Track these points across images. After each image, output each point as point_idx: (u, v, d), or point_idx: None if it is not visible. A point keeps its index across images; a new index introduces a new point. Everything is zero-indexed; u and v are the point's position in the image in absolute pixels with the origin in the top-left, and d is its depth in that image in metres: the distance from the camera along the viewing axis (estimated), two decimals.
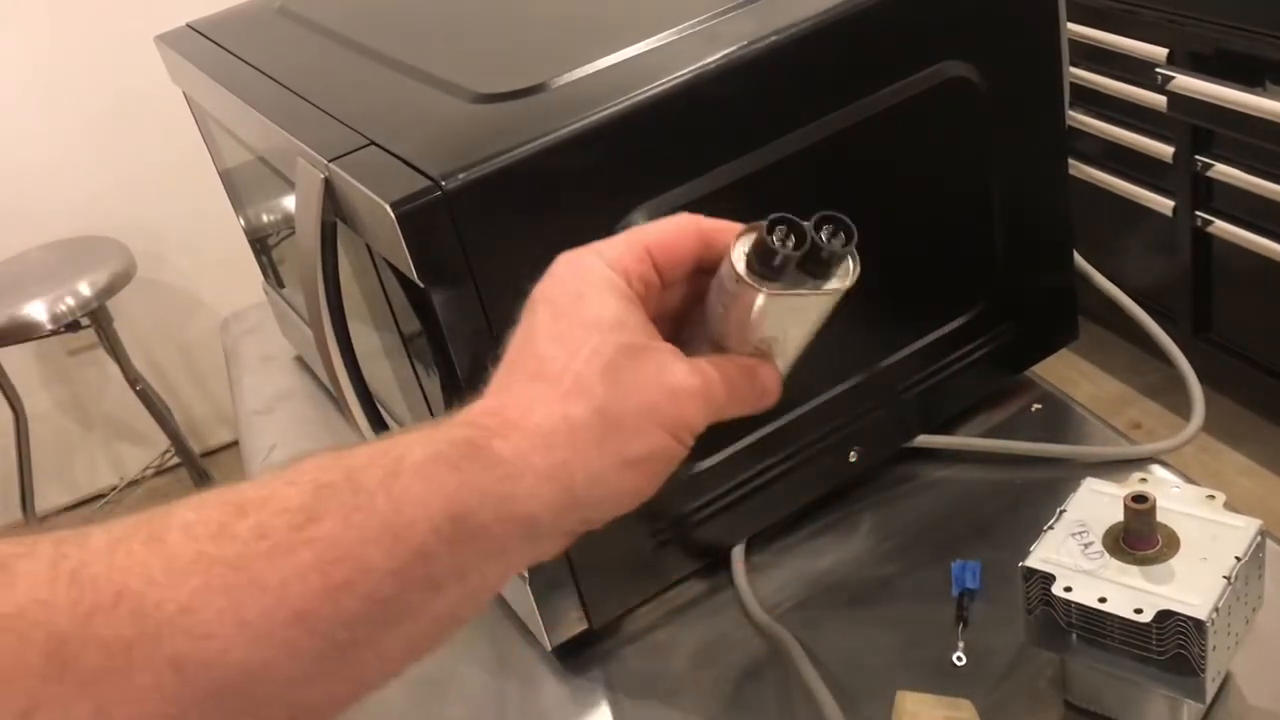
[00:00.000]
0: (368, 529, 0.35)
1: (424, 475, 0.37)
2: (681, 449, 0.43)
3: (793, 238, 0.44)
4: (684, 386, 0.42)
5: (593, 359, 0.41)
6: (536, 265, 0.62)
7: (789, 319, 0.47)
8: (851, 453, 0.78)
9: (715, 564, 0.77)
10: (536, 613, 0.70)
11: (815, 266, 0.45)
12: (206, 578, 0.33)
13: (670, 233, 0.45)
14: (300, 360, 1.15)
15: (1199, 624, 0.55)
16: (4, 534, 0.33)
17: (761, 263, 0.44)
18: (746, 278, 0.44)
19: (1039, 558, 0.60)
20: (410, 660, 0.38)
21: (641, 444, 0.41)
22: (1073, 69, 0.78)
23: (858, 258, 0.45)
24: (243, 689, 0.32)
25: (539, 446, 0.40)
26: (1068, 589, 0.58)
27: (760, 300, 0.45)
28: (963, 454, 0.83)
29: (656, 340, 0.43)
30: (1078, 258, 0.84)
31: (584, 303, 0.43)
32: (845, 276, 0.45)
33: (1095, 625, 0.58)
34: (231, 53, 0.87)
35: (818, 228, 0.45)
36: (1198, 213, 1.84)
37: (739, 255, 0.44)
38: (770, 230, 0.44)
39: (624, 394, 0.41)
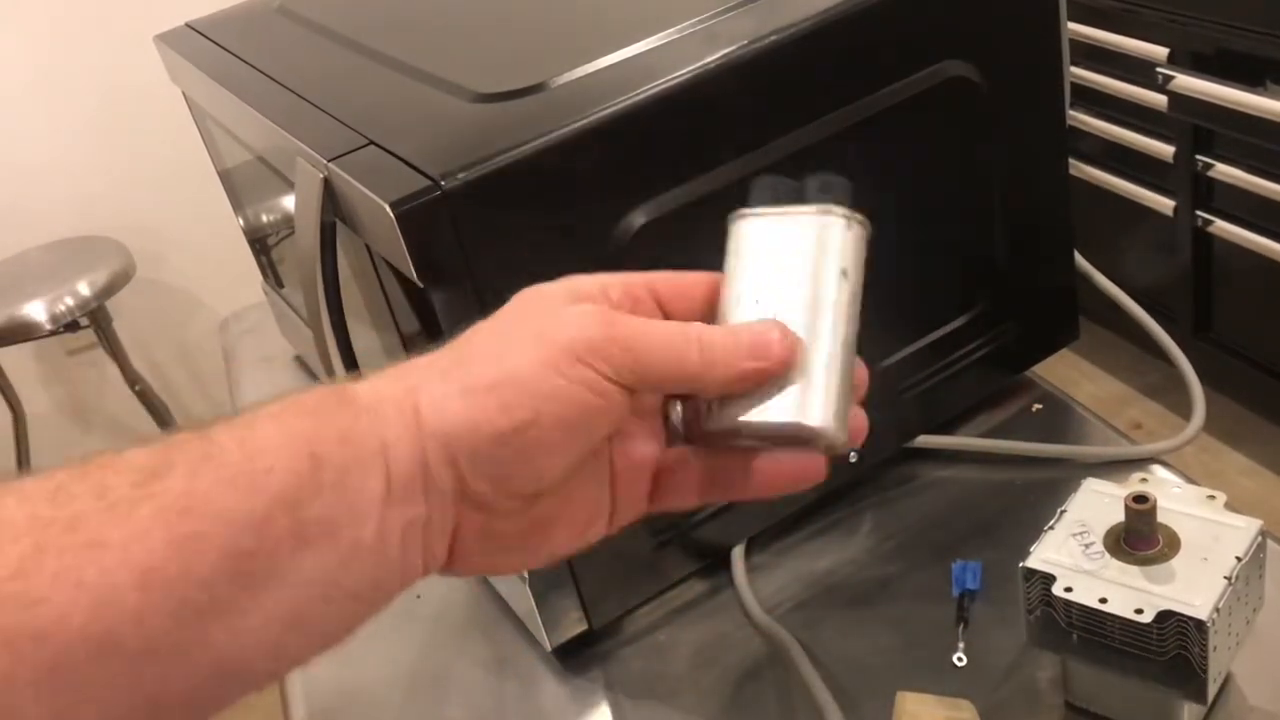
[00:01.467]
0: (220, 478, 0.32)
1: (279, 421, 0.35)
2: (569, 383, 0.36)
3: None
4: (570, 313, 0.37)
5: (496, 317, 0.40)
6: (535, 265, 0.62)
7: (793, 265, 0.41)
8: (851, 453, 0.78)
9: (715, 564, 0.77)
10: (536, 613, 0.70)
11: (813, 200, 0.42)
12: (38, 539, 0.29)
13: (678, 275, 0.42)
14: (300, 360, 1.14)
15: (1200, 624, 0.55)
16: None
17: (754, 196, 0.42)
18: (735, 213, 0.42)
19: (1039, 558, 0.60)
20: (292, 639, 0.34)
21: (490, 367, 0.36)
22: (1073, 68, 0.78)
23: (850, 188, 0.42)
24: (83, 665, 0.29)
25: (394, 379, 0.37)
26: (1068, 589, 0.58)
27: (749, 225, 0.41)
28: (963, 454, 0.82)
29: None
30: (1078, 257, 0.84)
31: (523, 294, 0.40)
32: (845, 209, 0.41)
33: (1096, 626, 0.58)
34: (231, 52, 0.87)
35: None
36: (1198, 212, 1.84)
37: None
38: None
39: (505, 321, 0.38)
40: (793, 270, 0.41)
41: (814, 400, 0.39)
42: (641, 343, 0.37)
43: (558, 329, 0.37)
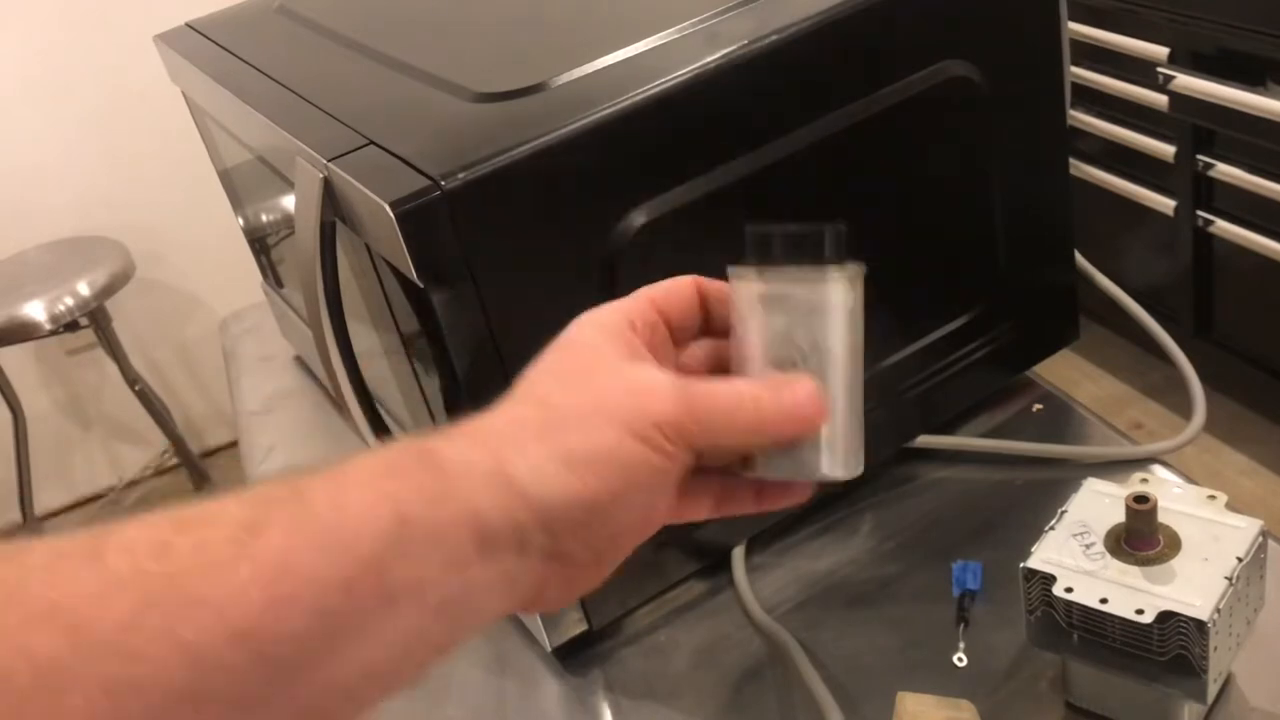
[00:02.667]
0: (312, 541, 0.34)
1: (368, 484, 0.36)
2: (650, 451, 0.39)
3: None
4: (645, 382, 0.41)
5: (554, 369, 0.42)
6: (536, 264, 0.62)
7: (800, 324, 0.44)
8: None
9: (715, 564, 0.77)
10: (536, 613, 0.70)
11: (812, 259, 0.44)
12: (144, 594, 0.31)
13: (668, 283, 0.46)
14: (299, 360, 1.15)
15: (1200, 625, 0.54)
16: None
17: (753, 250, 0.44)
18: (738, 269, 0.44)
19: (1040, 558, 0.60)
20: (372, 689, 0.36)
21: (586, 439, 0.39)
22: (1074, 68, 0.78)
23: (844, 234, 0.45)
24: (179, 715, 0.31)
25: (480, 443, 0.39)
26: (1069, 590, 0.58)
27: (757, 287, 0.44)
28: (963, 454, 0.82)
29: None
30: (1079, 257, 0.84)
31: (568, 339, 0.43)
32: (844, 265, 0.44)
33: (1096, 626, 0.58)
34: (231, 52, 0.87)
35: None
36: (1199, 212, 1.84)
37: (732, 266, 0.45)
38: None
39: (574, 389, 0.40)
40: (803, 329, 0.44)
41: (838, 453, 0.44)
42: (710, 417, 0.41)
43: (638, 402, 0.40)
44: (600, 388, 0.40)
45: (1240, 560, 0.57)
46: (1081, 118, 1.96)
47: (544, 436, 0.39)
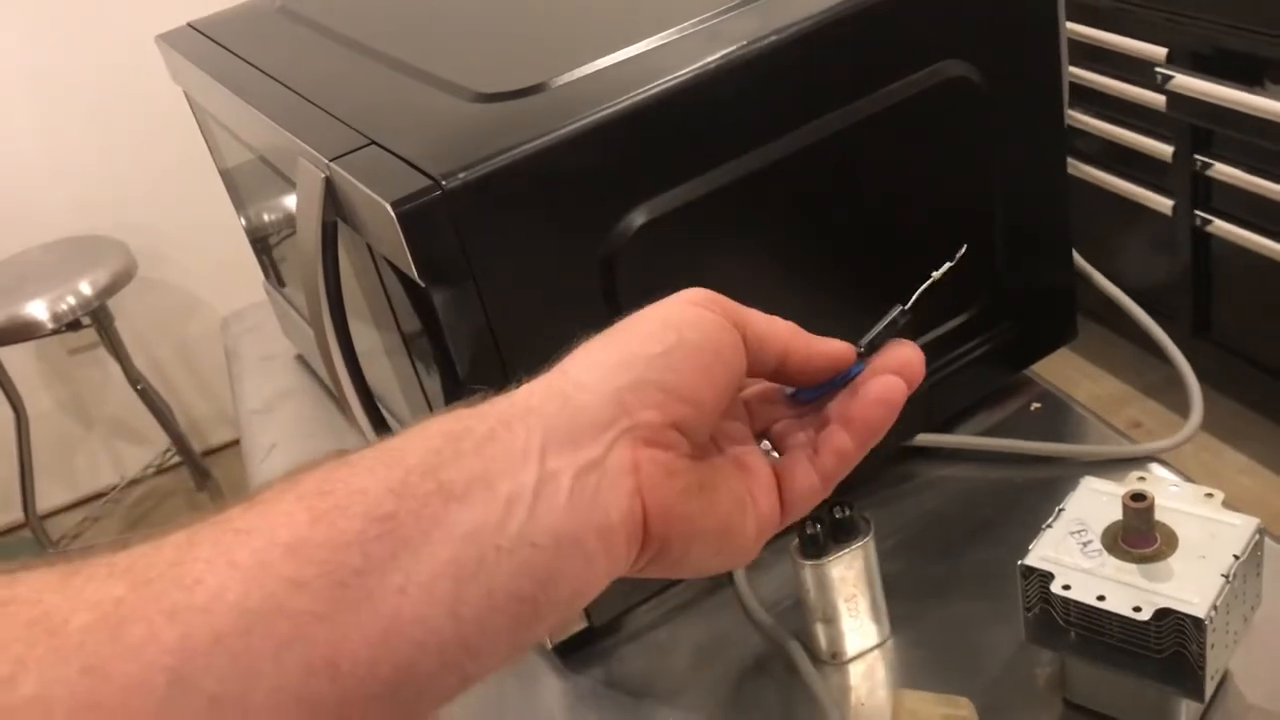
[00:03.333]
0: (357, 467, 0.34)
1: (414, 427, 0.36)
2: (700, 310, 0.40)
3: (818, 524, 0.66)
4: (695, 291, 0.41)
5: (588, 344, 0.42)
6: (536, 264, 0.63)
7: (845, 580, 0.67)
8: None
9: None
10: None
11: (845, 535, 0.67)
12: (191, 536, 0.32)
13: (773, 325, 0.44)
14: (301, 359, 1.15)
15: (1198, 622, 0.55)
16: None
17: (805, 548, 0.67)
18: (796, 557, 0.67)
19: (1038, 556, 0.60)
20: (468, 595, 0.33)
21: (629, 324, 0.40)
22: (1072, 68, 0.78)
23: (870, 522, 0.67)
24: (249, 630, 0.30)
25: (538, 374, 0.39)
26: (1066, 587, 0.58)
27: (807, 571, 0.67)
28: (962, 452, 0.83)
29: None
30: (1077, 257, 0.84)
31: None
32: (861, 537, 0.67)
33: (1094, 623, 0.58)
34: (232, 52, 0.88)
35: (832, 509, 0.66)
36: (1197, 212, 1.84)
37: (794, 546, 0.67)
38: (801, 524, 0.65)
39: (613, 331, 0.41)
40: (856, 588, 0.69)
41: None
42: (740, 305, 0.41)
43: (672, 297, 0.41)
44: (635, 315, 0.41)
45: (1237, 558, 0.57)
46: (1080, 117, 1.97)
47: (590, 346, 0.39)
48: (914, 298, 0.45)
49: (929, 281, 0.46)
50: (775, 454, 0.44)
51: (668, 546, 0.39)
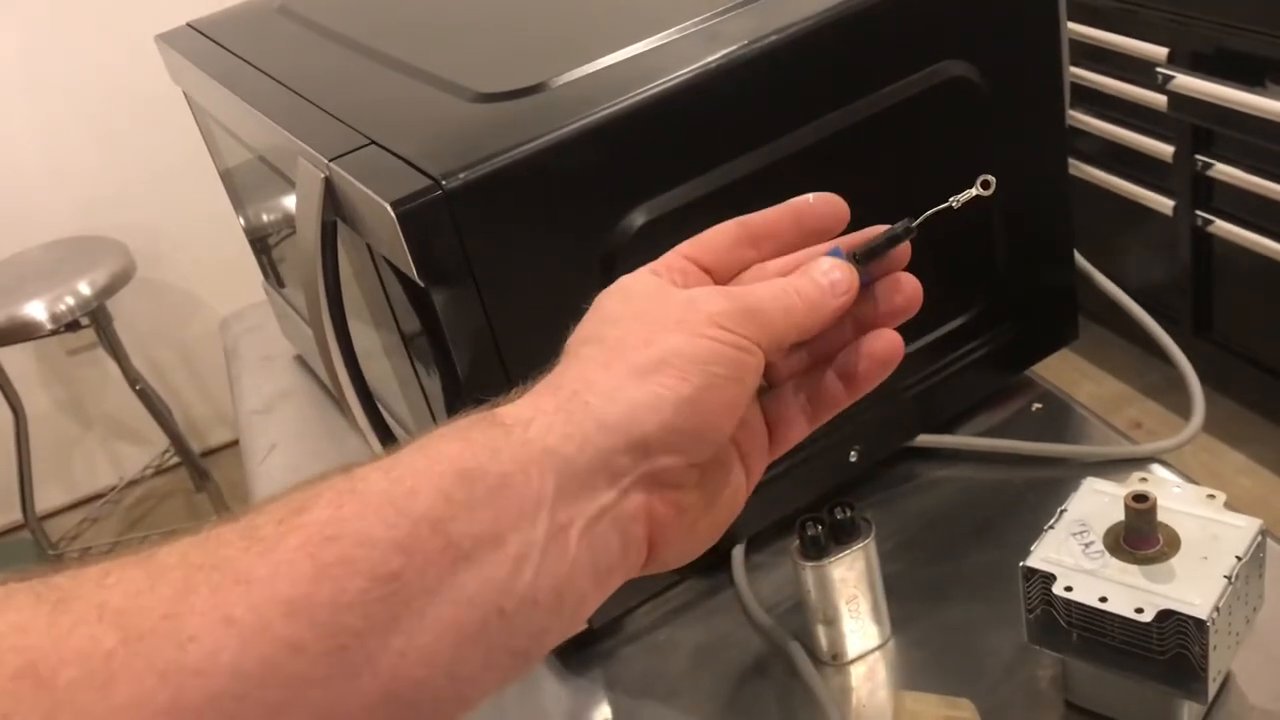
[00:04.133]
0: (364, 507, 0.32)
1: (423, 449, 0.34)
2: (718, 342, 0.38)
3: (818, 525, 0.66)
4: (690, 293, 0.40)
5: (596, 319, 0.41)
6: (536, 264, 0.62)
7: (846, 581, 0.67)
8: (851, 452, 0.78)
9: (715, 564, 0.77)
10: None
11: (846, 536, 0.67)
12: (188, 579, 0.30)
13: (703, 234, 0.44)
14: (300, 360, 1.15)
15: (1200, 623, 0.55)
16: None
17: (806, 549, 0.67)
18: (797, 559, 0.67)
19: (1039, 557, 0.60)
20: (465, 655, 0.33)
21: (651, 351, 0.37)
22: (1073, 68, 0.78)
23: (871, 523, 0.67)
24: (243, 695, 0.29)
25: (539, 394, 0.37)
26: (1068, 588, 0.58)
27: (808, 572, 0.67)
28: (963, 453, 0.83)
29: None
30: (1078, 257, 0.84)
31: (602, 297, 0.42)
32: (862, 538, 0.67)
33: (1096, 625, 0.58)
34: (232, 52, 0.87)
35: (833, 510, 0.66)
36: (1198, 212, 1.84)
37: (794, 548, 0.67)
38: (802, 525, 0.66)
39: (624, 324, 0.39)
40: (857, 589, 0.68)
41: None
42: (759, 305, 0.40)
43: (691, 310, 0.39)
44: (650, 313, 0.39)
45: (1239, 559, 0.57)
46: (1081, 118, 1.96)
47: (609, 365, 0.37)
48: (924, 216, 0.44)
49: (944, 205, 0.45)
50: (764, 382, 0.43)
51: (663, 564, 0.39)
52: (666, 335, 0.38)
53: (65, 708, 0.28)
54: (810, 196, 0.44)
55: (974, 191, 0.45)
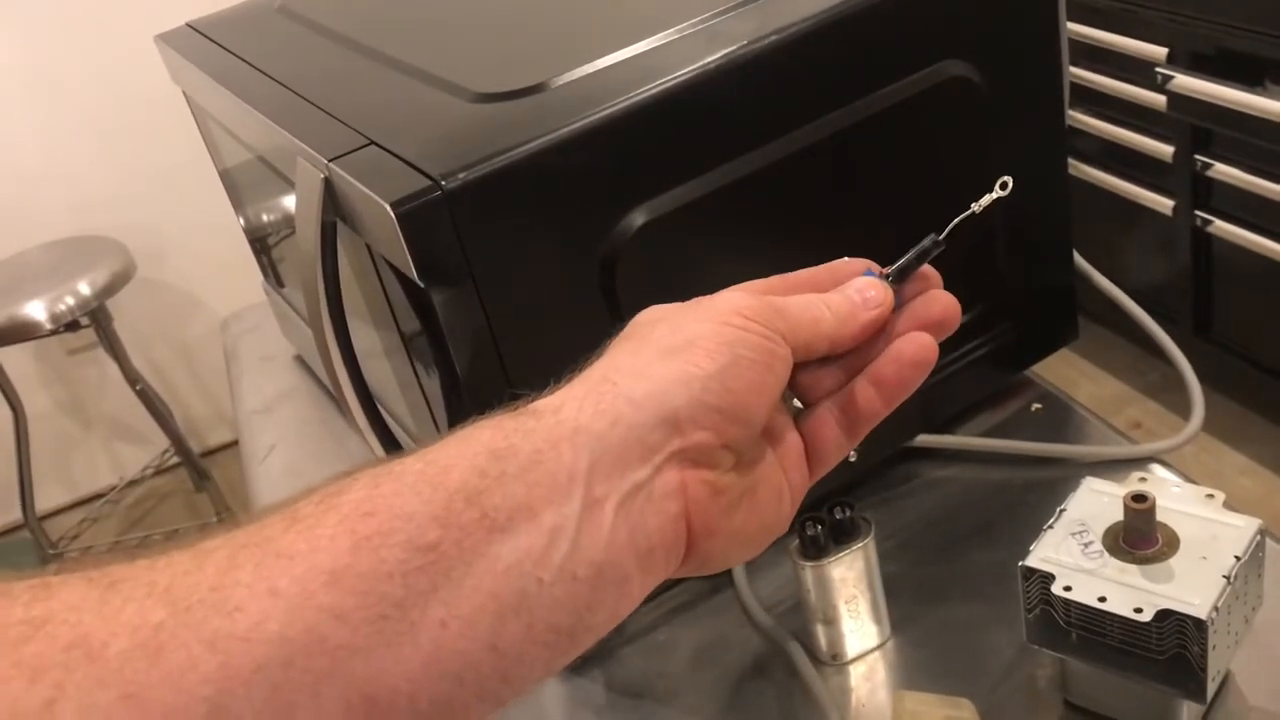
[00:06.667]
0: (400, 485, 0.34)
1: (458, 438, 0.36)
2: (745, 331, 0.39)
3: (818, 525, 0.66)
4: (721, 295, 0.41)
5: (628, 333, 0.41)
6: (536, 264, 0.62)
7: (845, 581, 0.67)
8: (851, 452, 0.78)
9: None
10: None
11: (845, 536, 0.66)
12: (233, 557, 0.31)
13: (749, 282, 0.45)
14: (300, 360, 1.15)
15: (1199, 623, 0.55)
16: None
17: (805, 549, 0.67)
18: (796, 558, 0.67)
19: (1039, 557, 0.60)
20: (509, 629, 0.33)
21: (678, 336, 0.39)
22: (1072, 68, 0.78)
23: (871, 523, 0.67)
24: (289, 662, 0.30)
25: (576, 382, 0.38)
26: (1067, 588, 0.58)
27: (807, 572, 0.67)
28: (963, 453, 0.83)
29: None
30: (1077, 257, 0.84)
31: (655, 313, 0.43)
32: (862, 538, 0.67)
33: (1095, 625, 0.58)
34: (231, 52, 0.87)
35: (832, 510, 0.66)
36: (1197, 212, 1.84)
37: (794, 547, 0.67)
38: (802, 525, 0.66)
39: (658, 319, 0.40)
40: (856, 589, 0.68)
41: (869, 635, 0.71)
42: (785, 306, 0.41)
43: (718, 305, 0.40)
44: (680, 313, 0.40)
45: (1238, 559, 0.57)
46: (1080, 118, 1.96)
47: (638, 352, 0.39)
48: (949, 228, 0.44)
49: (967, 213, 0.45)
50: (798, 403, 0.44)
51: (708, 556, 0.40)
52: (694, 324, 0.39)
53: (115, 676, 0.28)
54: (846, 260, 0.46)
55: (995, 194, 0.46)
